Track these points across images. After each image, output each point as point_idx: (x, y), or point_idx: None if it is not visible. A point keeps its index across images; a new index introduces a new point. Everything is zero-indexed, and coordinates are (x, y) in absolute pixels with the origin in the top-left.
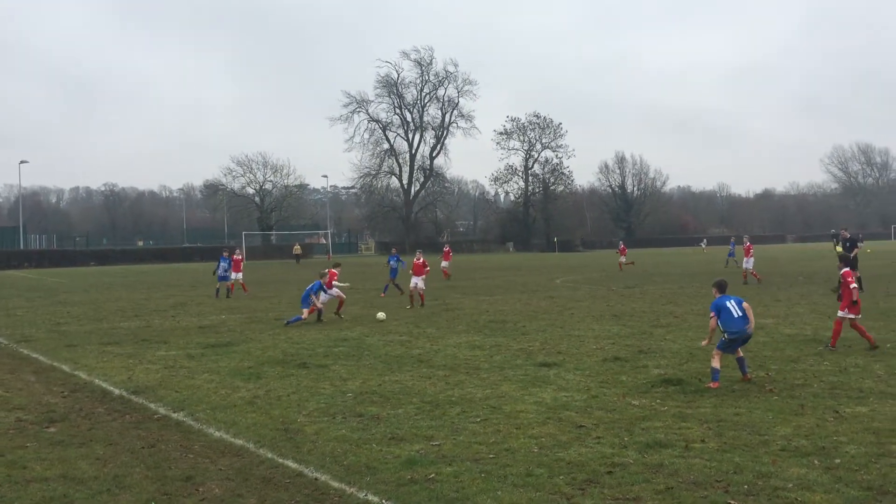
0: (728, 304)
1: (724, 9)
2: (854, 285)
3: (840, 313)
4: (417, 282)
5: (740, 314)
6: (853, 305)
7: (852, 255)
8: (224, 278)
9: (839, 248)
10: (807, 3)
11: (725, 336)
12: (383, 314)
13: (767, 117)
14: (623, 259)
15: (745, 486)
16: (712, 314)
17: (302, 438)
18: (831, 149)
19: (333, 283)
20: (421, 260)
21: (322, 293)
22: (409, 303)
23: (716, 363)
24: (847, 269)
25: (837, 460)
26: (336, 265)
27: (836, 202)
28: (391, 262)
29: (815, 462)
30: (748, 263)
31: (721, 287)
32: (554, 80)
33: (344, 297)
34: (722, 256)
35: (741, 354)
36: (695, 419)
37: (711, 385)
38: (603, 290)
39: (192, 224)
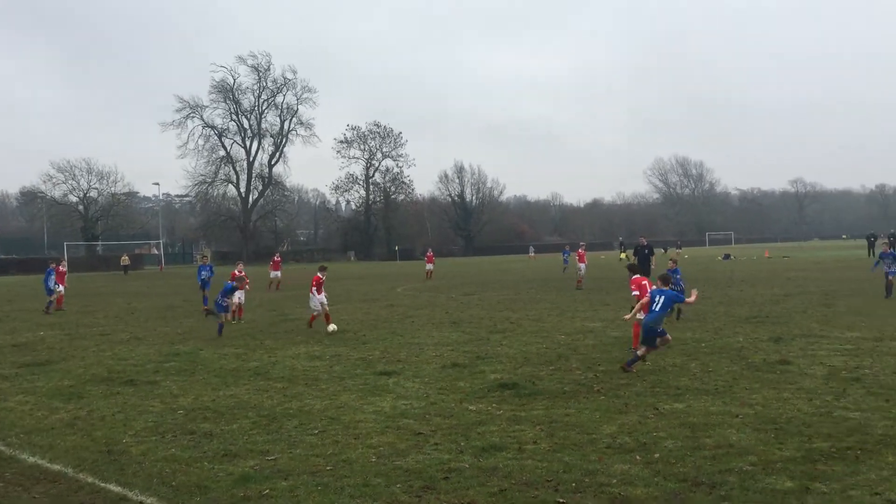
0: (656, 297)
1: (556, 23)
2: (636, 292)
3: (638, 316)
4: (238, 295)
5: (657, 310)
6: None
7: (651, 262)
8: (51, 291)
9: (624, 255)
10: (635, 26)
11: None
12: (335, 326)
13: (598, 130)
14: (430, 267)
15: (574, 484)
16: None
17: (127, 460)
18: (653, 161)
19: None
20: (242, 273)
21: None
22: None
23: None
24: (636, 276)
25: (657, 455)
26: (322, 268)
27: (658, 211)
28: (203, 273)
29: (637, 457)
30: (581, 270)
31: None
32: (394, 89)
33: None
34: (549, 264)
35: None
36: (528, 421)
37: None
38: (443, 298)
39: (6, 234)
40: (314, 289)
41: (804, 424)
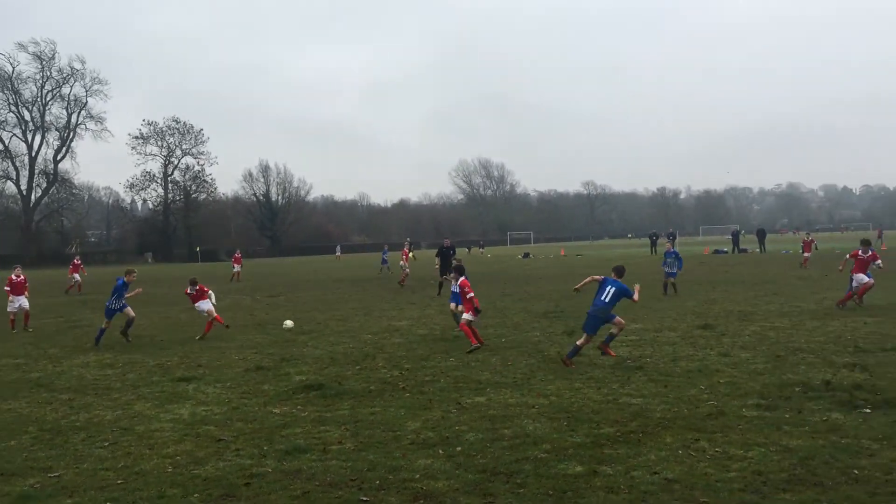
0: (607, 287)
1: (366, 23)
2: (471, 294)
3: (465, 317)
4: (20, 301)
5: (604, 300)
6: (474, 310)
7: (453, 261)
8: None
9: (413, 256)
10: (441, 29)
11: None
12: (291, 322)
13: (404, 131)
14: (237, 268)
15: (377, 482)
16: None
17: None
18: (458, 163)
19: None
20: (21, 277)
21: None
22: (12, 326)
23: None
24: (463, 278)
25: (459, 448)
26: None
27: (463, 211)
28: None
29: (440, 451)
30: (406, 268)
31: (618, 272)
32: (194, 84)
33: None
34: (356, 263)
35: (616, 331)
36: (333, 422)
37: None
38: (248, 300)
39: None
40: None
41: (593, 412)
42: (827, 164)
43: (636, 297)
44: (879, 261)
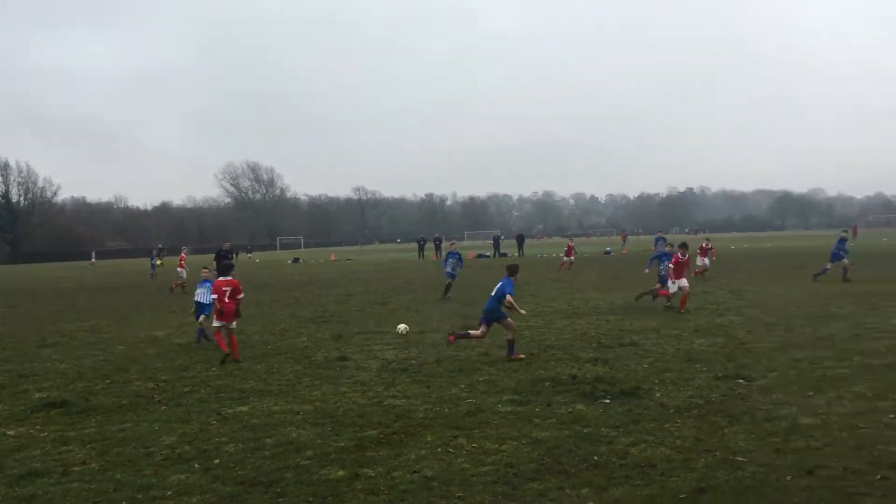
0: (498, 283)
1: (124, 21)
2: (241, 296)
3: (215, 323)
4: None
5: (492, 295)
6: (230, 315)
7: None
8: None
9: (160, 263)
10: (199, 19)
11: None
12: (405, 326)
13: (165, 131)
14: None
15: (124, 503)
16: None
17: None
18: (225, 165)
19: None
20: None
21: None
22: None
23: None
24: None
25: (217, 460)
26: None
27: (230, 215)
28: None
29: (196, 465)
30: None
31: (510, 270)
32: None
33: None
34: (111, 270)
35: (509, 336)
36: (78, 441)
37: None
38: None
39: None
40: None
41: (358, 415)
42: (576, 175)
43: (510, 299)
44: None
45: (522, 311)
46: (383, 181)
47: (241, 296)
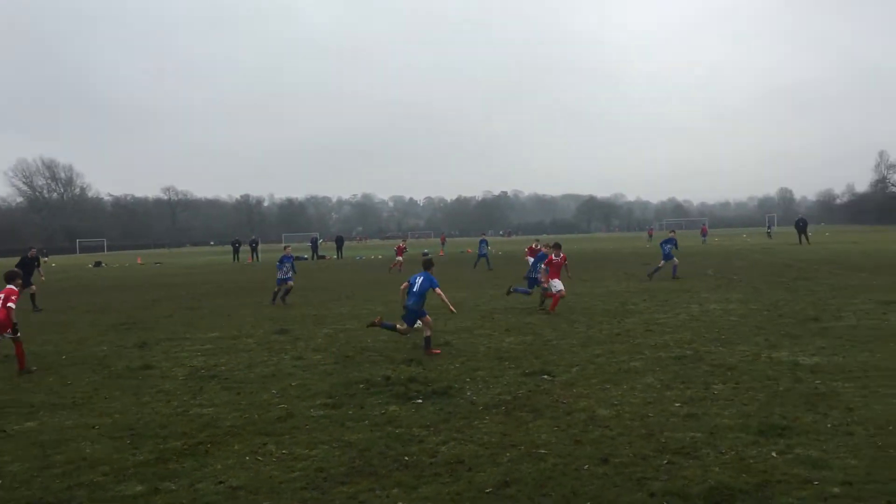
0: (418, 279)
1: None
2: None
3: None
4: None
5: (415, 291)
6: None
7: (37, 271)
8: None
9: None
10: None
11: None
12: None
13: None
14: None
15: None
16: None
17: None
18: (16, 162)
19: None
20: None
21: None
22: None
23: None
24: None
25: (0, 480)
26: None
27: (23, 217)
28: None
29: None
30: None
31: (425, 265)
32: None
33: None
34: None
35: (426, 333)
36: None
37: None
38: None
39: None
40: None
41: (161, 426)
42: (396, 178)
43: (439, 290)
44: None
45: (453, 308)
46: (196, 181)
47: (12, 304)
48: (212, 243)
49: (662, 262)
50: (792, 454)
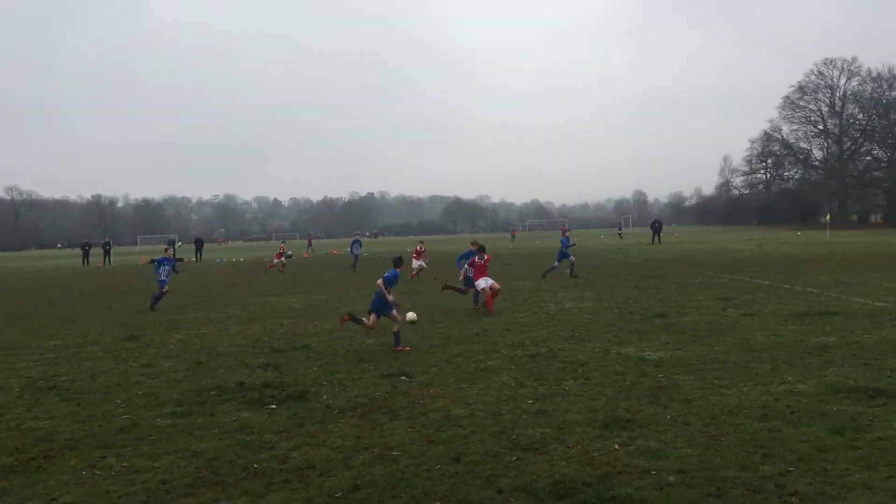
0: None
1: None
2: None
3: None
4: None
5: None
6: None
7: None
8: None
9: None
10: None
11: None
12: (414, 315)
13: None
14: None
15: None
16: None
17: None
18: None
19: None
20: None
21: None
22: None
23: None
24: None
25: None
26: None
27: None
28: None
29: None
30: None
31: (395, 262)
32: None
33: None
34: None
35: (395, 328)
36: None
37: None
38: None
39: None
40: None
41: None
42: (260, 178)
43: (380, 282)
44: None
45: (390, 297)
46: (42, 181)
47: None
48: (60, 246)
49: (557, 262)
50: (633, 446)
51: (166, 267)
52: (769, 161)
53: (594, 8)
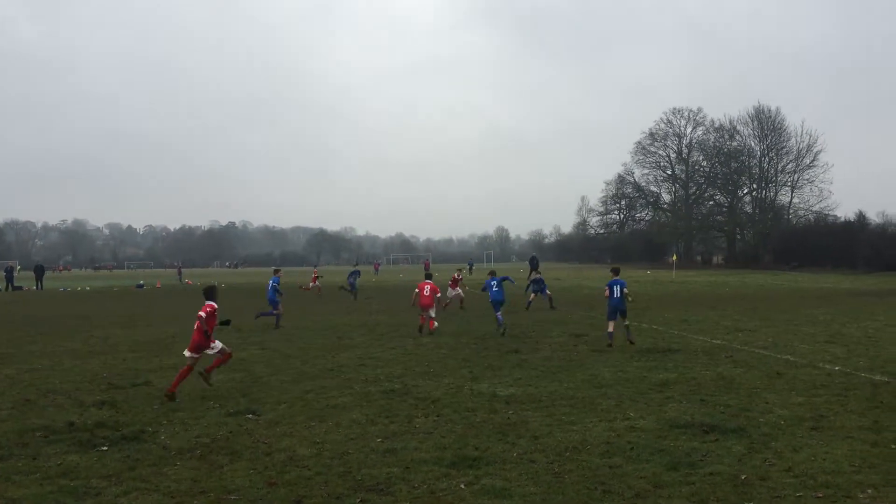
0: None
1: None
2: None
3: None
4: None
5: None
6: None
7: None
8: None
9: None
10: None
11: None
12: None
13: None
14: None
15: None
16: None
17: None
18: None
19: None
20: None
21: None
22: None
23: None
24: None
25: None
26: None
27: None
28: None
29: None
30: None
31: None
32: None
33: None
34: None
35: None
36: None
37: None
38: None
39: None
40: None
41: None
42: (113, 204)
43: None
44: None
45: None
46: None
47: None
48: None
49: (533, 295)
50: (479, 484)
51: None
52: (623, 202)
53: (458, 46)
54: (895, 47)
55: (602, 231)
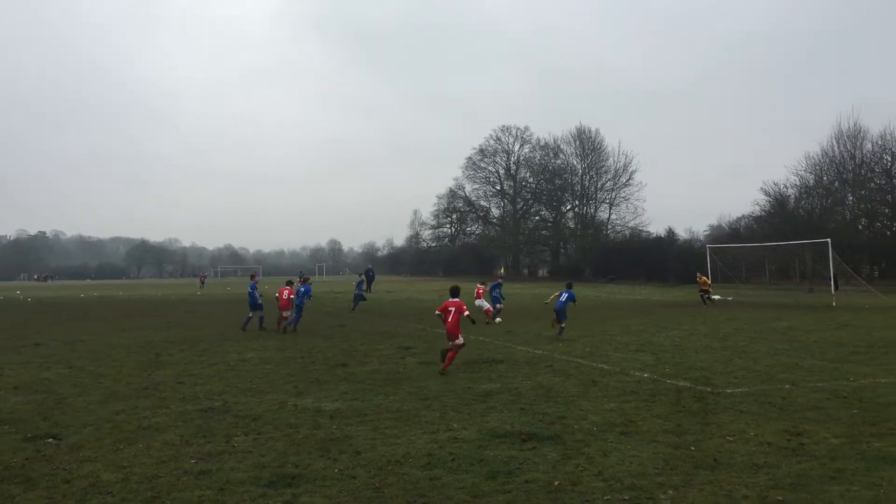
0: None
1: None
2: None
3: None
4: None
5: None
6: None
7: None
8: None
9: None
10: None
11: None
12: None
13: None
14: None
15: None
16: None
17: None
18: None
19: None
20: None
21: None
22: None
23: None
24: None
25: None
26: None
27: None
28: None
29: None
30: None
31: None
32: None
33: None
34: None
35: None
36: None
37: None
38: None
39: None
40: None
41: None
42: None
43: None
44: None
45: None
46: None
47: None
48: None
49: (492, 307)
50: (297, 503)
51: None
52: (454, 216)
53: (290, 56)
54: (708, 79)
55: (434, 244)
